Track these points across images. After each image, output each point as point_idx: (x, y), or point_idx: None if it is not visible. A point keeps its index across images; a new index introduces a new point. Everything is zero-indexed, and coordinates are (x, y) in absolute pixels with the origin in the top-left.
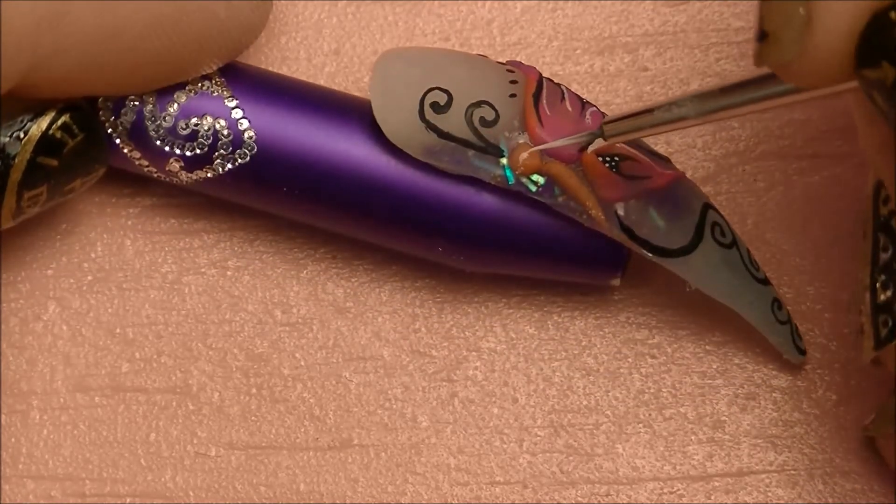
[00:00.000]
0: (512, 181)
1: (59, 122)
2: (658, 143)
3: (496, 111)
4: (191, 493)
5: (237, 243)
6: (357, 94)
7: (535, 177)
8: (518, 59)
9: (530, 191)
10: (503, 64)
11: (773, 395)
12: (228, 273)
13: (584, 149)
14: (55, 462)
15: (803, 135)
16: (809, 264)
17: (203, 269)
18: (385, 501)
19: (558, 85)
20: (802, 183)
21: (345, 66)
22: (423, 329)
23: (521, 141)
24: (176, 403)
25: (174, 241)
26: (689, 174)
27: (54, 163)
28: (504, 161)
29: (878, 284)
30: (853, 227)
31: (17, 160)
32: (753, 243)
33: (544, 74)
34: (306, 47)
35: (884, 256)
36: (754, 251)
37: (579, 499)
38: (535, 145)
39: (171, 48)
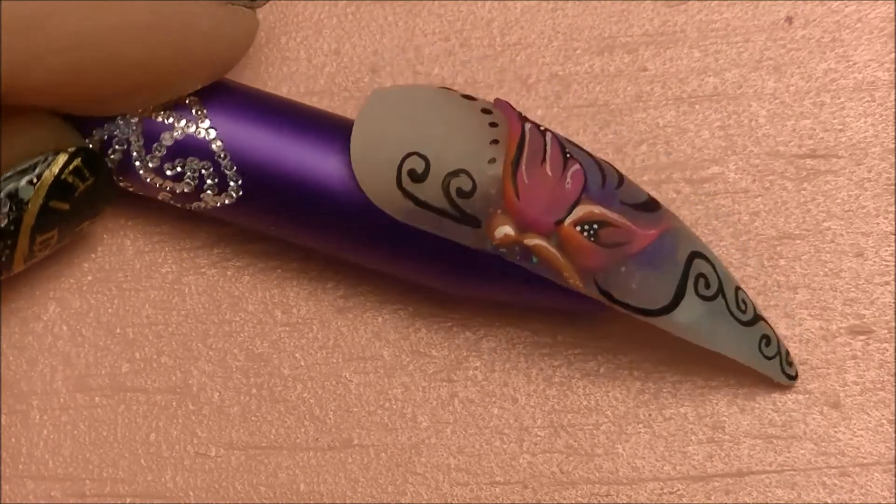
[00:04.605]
0: (489, 248)
1: (71, 167)
2: (657, 144)
3: (473, 181)
4: (191, 493)
5: (237, 243)
6: (357, 94)
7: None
8: (518, 59)
9: (508, 257)
10: (487, 112)
11: (773, 395)
12: (228, 273)
13: (560, 221)
14: (55, 462)
15: (802, 135)
16: (808, 264)
17: (203, 269)
18: (385, 501)
19: (543, 133)
20: (801, 183)
21: (345, 66)
22: (423, 329)
23: (498, 211)
24: (176, 403)
25: (174, 241)
26: (687, 174)
27: (66, 206)
28: (482, 231)
29: None
30: (852, 227)
31: (30, 205)
32: (751, 244)
33: (544, 74)
34: (306, 47)
35: None
36: (751, 251)
37: (579, 499)
38: (512, 216)
39: (152, 57)
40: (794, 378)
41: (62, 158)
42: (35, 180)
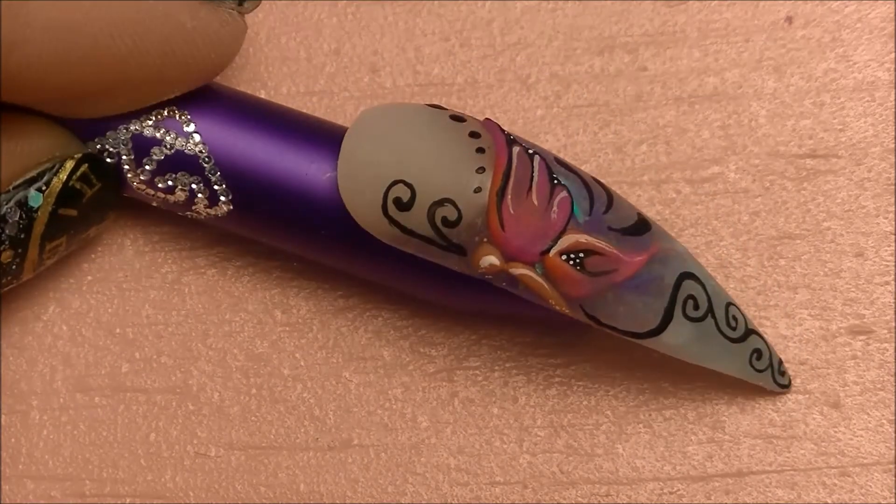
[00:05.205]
0: (476, 275)
1: (79, 173)
2: (657, 144)
3: (459, 211)
4: (191, 493)
5: (237, 243)
6: (357, 94)
7: None
8: (518, 59)
9: (495, 282)
10: (475, 136)
11: (773, 395)
12: (228, 273)
13: (546, 251)
14: (55, 462)
15: (802, 135)
16: (808, 264)
17: (203, 269)
18: (385, 501)
19: (531, 157)
20: (801, 183)
21: (345, 66)
22: (423, 329)
23: (484, 240)
24: (176, 403)
25: (174, 241)
26: (687, 174)
27: (74, 213)
28: (467, 259)
29: None
30: (852, 227)
31: (39, 213)
32: (750, 244)
33: (544, 74)
34: (306, 47)
35: None
36: (751, 251)
37: (579, 499)
38: (497, 247)
39: (134, 52)
40: (787, 387)
41: (69, 165)
42: (44, 188)
